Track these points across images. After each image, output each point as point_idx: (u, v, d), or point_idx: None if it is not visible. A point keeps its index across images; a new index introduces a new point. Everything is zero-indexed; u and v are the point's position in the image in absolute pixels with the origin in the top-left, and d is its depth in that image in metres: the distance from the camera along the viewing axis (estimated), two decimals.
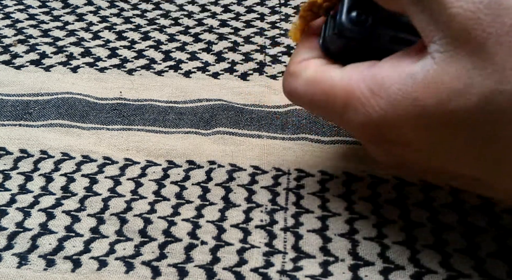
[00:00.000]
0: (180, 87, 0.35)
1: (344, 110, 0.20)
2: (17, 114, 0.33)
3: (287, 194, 0.27)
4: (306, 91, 0.22)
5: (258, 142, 0.30)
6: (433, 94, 0.18)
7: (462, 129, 0.18)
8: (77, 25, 0.42)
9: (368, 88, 0.19)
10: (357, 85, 0.20)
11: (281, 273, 0.24)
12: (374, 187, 0.27)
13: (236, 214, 0.26)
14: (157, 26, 0.41)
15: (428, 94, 0.18)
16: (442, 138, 0.19)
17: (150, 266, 0.24)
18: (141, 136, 0.31)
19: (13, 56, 0.38)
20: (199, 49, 0.39)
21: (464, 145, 0.19)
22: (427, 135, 0.19)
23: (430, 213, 0.26)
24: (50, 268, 0.24)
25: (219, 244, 0.25)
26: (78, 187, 0.28)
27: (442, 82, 0.18)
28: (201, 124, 0.32)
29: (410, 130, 0.19)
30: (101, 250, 0.25)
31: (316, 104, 0.22)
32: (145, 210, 0.27)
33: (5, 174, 0.29)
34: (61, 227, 0.26)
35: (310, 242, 0.25)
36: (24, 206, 0.27)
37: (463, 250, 0.24)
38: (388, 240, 0.25)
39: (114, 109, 0.33)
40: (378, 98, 0.19)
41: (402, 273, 0.23)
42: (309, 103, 0.22)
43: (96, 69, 0.37)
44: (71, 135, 0.31)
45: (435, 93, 0.18)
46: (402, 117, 0.19)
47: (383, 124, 0.19)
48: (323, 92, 0.21)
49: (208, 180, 0.28)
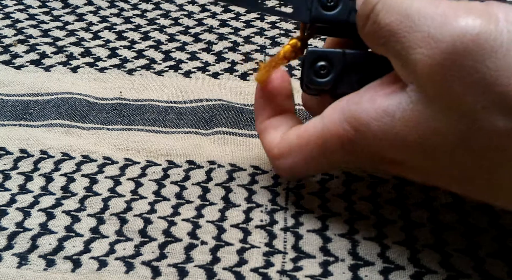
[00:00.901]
0: (180, 87, 0.35)
1: (341, 149, 0.22)
2: (17, 114, 0.33)
3: (287, 194, 0.27)
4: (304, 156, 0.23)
5: (258, 142, 0.30)
6: (413, 131, 0.19)
7: (443, 160, 0.19)
8: (77, 25, 0.42)
9: (351, 126, 0.21)
10: (342, 127, 0.21)
11: (281, 273, 0.24)
12: (374, 187, 0.27)
13: (236, 214, 0.26)
14: (157, 26, 0.42)
15: (408, 130, 0.19)
16: (427, 165, 0.20)
17: (150, 266, 0.24)
18: (141, 136, 0.31)
19: (13, 56, 0.38)
20: (199, 49, 0.39)
21: (448, 173, 0.20)
22: (412, 165, 0.20)
23: (430, 213, 0.26)
24: (50, 268, 0.24)
25: (219, 244, 0.25)
26: (78, 187, 0.28)
27: (420, 121, 0.18)
28: (201, 124, 0.32)
29: (398, 162, 0.20)
30: (101, 250, 0.25)
31: (317, 159, 0.23)
32: (145, 210, 0.27)
33: (5, 174, 0.29)
34: (61, 227, 0.26)
35: (310, 242, 0.25)
36: (24, 206, 0.27)
37: (463, 250, 0.24)
38: (388, 240, 0.25)
39: (114, 109, 0.33)
40: (364, 134, 0.20)
41: (402, 273, 0.23)
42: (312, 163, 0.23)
43: (96, 69, 0.37)
44: (71, 135, 0.31)
45: (415, 130, 0.19)
46: (388, 150, 0.20)
47: (374, 155, 0.21)
48: (316, 146, 0.22)
49: (208, 180, 0.28)
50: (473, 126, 0.17)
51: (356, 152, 0.21)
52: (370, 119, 0.20)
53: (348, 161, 0.23)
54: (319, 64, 0.23)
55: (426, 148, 0.19)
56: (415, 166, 0.20)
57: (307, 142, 0.23)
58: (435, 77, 0.17)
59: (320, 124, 0.22)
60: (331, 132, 0.22)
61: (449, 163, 0.19)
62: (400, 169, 0.21)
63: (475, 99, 0.17)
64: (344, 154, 0.22)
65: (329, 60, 0.23)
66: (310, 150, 0.23)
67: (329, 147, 0.22)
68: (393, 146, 0.20)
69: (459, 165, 0.19)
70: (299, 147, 0.23)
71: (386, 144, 0.20)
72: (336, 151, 0.22)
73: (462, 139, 0.18)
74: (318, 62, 0.23)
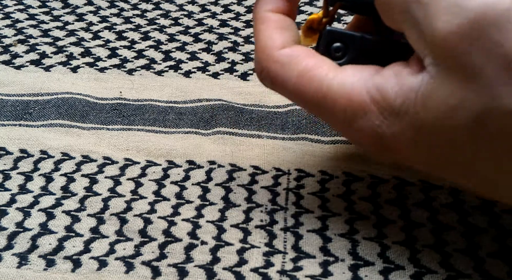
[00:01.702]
0: (180, 87, 0.35)
1: (343, 116, 0.20)
2: (17, 114, 0.33)
3: (287, 194, 0.27)
4: (298, 86, 0.21)
5: (258, 142, 0.30)
6: (431, 109, 0.18)
7: (458, 144, 0.18)
8: (77, 25, 0.42)
9: (372, 98, 0.19)
10: (360, 94, 0.20)
11: (281, 273, 0.24)
12: (374, 187, 0.27)
13: (236, 214, 0.26)
14: (157, 26, 0.42)
15: (426, 109, 0.18)
16: (437, 151, 0.19)
17: (150, 266, 0.24)
18: (141, 136, 0.31)
19: (13, 56, 0.38)
20: (199, 49, 0.39)
21: (458, 158, 0.19)
22: (424, 148, 0.19)
23: (430, 213, 0.26)
24: (50, 268, 0.24)
25: (219, 244, 0.25)
26: (78, 187, 0.28)
27: (438, 98, 0.18)
28: (201, 124, 0.32)
29: (409, 142, 0.19)
30: (101, 250, 0.25)
31: (307, 101, 0.21)
32: (145, 210, 0.27)
33: (5, 174, 0.29)
34: (61, 227, 0.26)
35: (310, 242, 0.25)
36: (24, 206, 0.27)
37: (463, 250, 0.24)
38: (388, 240, 0.25)
39: (114, 109, 0.33)
40: (382, 110, 0.19)
41: (402, 273, 0.23)
42: (297, 97, 0.22)
43: (96, 69, 0.37)
44: (71, 135, 0.31)
45: (432, 109, 0.18)
46: (403, 130, 0.19)
47: (384, 134, 0.19)
48: (320, 93, 0.21)
49: (208, 180, 0.28)
50: (491, 104, 0.16)
51: (360, 126, 0.20)
52: (395, 94, 0.19)
53: (344, 130, 0.21)
54: (335, 45, 0.22)
55: (439, 131, 0.18)
56: (418, 160, 0.20)
57: (309, 85, 0.21)
58: (457, 46, 0.17)
59: (333, 77, 0.20)
60: (342, 94, 0.20)
61: (459, 150, 0.18)
62: (401, 158, 0.20)
63: (496, 74, 0.16)
64: (344, 121, 0.20)
65: (346, 42, 0.22)
66: (309, 95, 0.21)
67: (331, 107, 0.20)
68: (408, 127, 0.19)
69: (470, 152, 0.18)
70: (298, 84, 0.21)
71: (401, 126, 0.19)
72: (337, 114, 0.20)
73: (477, 120, 0.17)
74: (335, 43, 0.22)
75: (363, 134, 0.20)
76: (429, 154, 0.19)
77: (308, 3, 0.43)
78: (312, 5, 0.43)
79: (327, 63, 0.21)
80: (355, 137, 0.21)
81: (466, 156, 0.18)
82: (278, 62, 0.22)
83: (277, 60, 0.22)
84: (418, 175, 0.28)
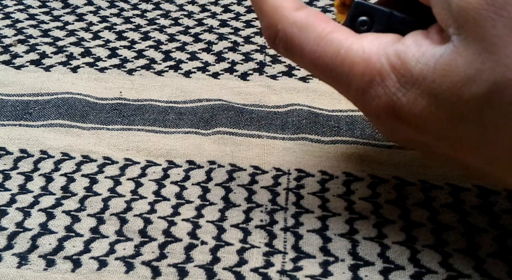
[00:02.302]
0: (180, 87, 0.35)
1: (360, 81, 0.20)
2: (17, 114, 0.33)
3: (287, 194, 0.27)
4: (315, 49, 0.20)
5: (258, 142, 0.30)
6: (448, 77, 0.18)
7: (470, 116, 0.18)
8: (77, 25, 0.42)
9: (391, 65, 0.19)
10: (379, 60, 0.19)
11: (281, 273, 0.24)
12: (374, 187, 0.27)
13: (236, 214, 0.26)
14: (157, 26, 0.42)
15: (443, 77, 0.18)
16: (450, 122, 0.18)
17: (150, 266, 0.24)
18: (141, 136, 0.31)
19: (13, 56, 0.38)
20: (199, 49, 0.39)
21: (470, 132, 0.18)
22: (437, 118, 0.19)
23: (430, 213, 0.26)
24: (50, 268, 0.24)
25: (219, 244, 0.25)
26: (78, 187, 0.28)
27: (457, 66, 0.17)
28: (201, 124, 0.32)
29: (423, 111, 0.19)
30: (101, 250, 0.25)
31: (323, 66, 0.21)
32: (145, 210, 0.27)
33: (5, 174, 0.29)
34: (61, 227, 0.26)
35: (310, 242, 0.25)
36: (24, 206, 0.27)
37: (463, 250, 0.24)
38: (388, 240, 0.25)
39: (114, 109, 0.33)
40: (400, 76, 0.19)
41: (402, 273, 0.23)
42: (313, 62, 0.21)
43: (96, 69, 0.37)
44: (71, 135, 0.31)
45: (449, 77, 0.17)
46: (418, 97, 0.19)
47: (399, 103, 0.19)
48: (338, 57, 0.20)
49: (208, 180, 0.28)
50: (507, 75, 0.16)
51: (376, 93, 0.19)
52: (415, 60, 0.18)
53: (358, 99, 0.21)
54: (361, 18, 0.22)
55: (453, 101, 0.18)
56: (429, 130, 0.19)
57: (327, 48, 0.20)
58: (481, 15, 0.17)
59: (352, 42, 0.20)
60: (361, 58, 0.20)
61: (471, 123, 0.18)
62: (410, 130, 0.20)
63: None
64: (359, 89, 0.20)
65: (372, 17, 0.21)
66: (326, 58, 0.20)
67: (347, 71, 0.20)
68: (423, 95, 0.18)
69: (478, 127, 0.18)
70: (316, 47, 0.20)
71: (417, 93, 0.18)
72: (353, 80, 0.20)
73: (491, 93, 0.17)
74: (361, 17, 0.22)
75: (378, 102, 0.20)
76: (442, 126, 0.19)
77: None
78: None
79: (345, 28, 0.21)
80: (368, 107, 0.21)
81: (478, 130, 0.18)
82: (295, 24, 0.21)
83: (293, 23, 0.21)
84: (418, 175, 0.28)
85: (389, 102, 0.19)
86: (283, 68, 0.36)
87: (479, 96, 0.17)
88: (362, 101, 0.21)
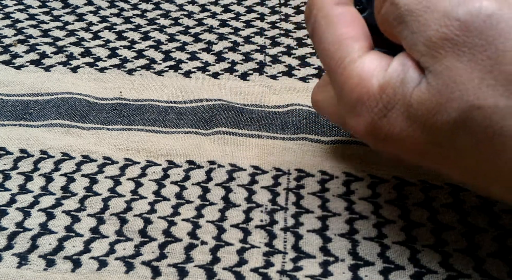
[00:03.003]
0: (180, 87, 0.35)
1: (349, 96, 0.21)
2: (17, 114, 0.33)
3: (287, 194, 0.27)
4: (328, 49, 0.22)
5: (258, 142, 0.30)
6: (423, 105, 0.19)
7: (446, 140, 0.19)
8: (77, 25, 0.42)
9: (380, 86, 0.20)
10: (370, 80, 0.20)
11: (281, 273, 0.24)
12: (374, 187, 0.27)
13: (236, 214, 0.26)
14: (157, 26, 0.41)
15: (419, 104, 0.19)
16: (428, 144, 0.20)
17: (150, 266, 0.24)
18: (141, 136, 0.31)
19: (13, 56, 0.38)
20: (199, 49, 0.39)
21: (448, 153, 0.20)
22: (415, 139, 0.20)
23: (430, 213, 0.26)
24: (50, 268, 0.24)
25: (219, 244, 0.25)
26: (78, 187, 0.28)
27: (429, 94, 0.19)
28: (201, 124, 0.32)
29: (401, 133, 0.20)
30: (101, 250, 0.25)
31: (328, 67, 0.22)
32: (145, 210, 0.27)
33: (5, 174, 0.29)
34: (61, 227, 0.26)
35: (310, 242, 0.25)
36: (24, 206, 0.27)
37: (463, 250, 0.24)
38: (388, 240, 0.25)
39: (114, 109, 0.33)
40: (384, 96, 0.20)
41: (402, 273, 0.23)
42: (322, 57, 0.22)
43: (96, 69, 0.37)
44: (71, 135, 0.31)
45: (424, 104, 0.19)
46: (398, 118, 0.20)
47: (380, 124, 0.20)
48: (342, 64, 0.21)
49: (208, 180, 0.28)
50: (475, 104, 0.18)
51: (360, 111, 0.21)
52: (399, 81, 0.20)
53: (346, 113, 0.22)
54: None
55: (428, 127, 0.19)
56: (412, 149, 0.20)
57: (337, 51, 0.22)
58: (446, 51, 0.18)
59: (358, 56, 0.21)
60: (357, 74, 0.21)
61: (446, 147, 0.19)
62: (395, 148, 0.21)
63: (481, 76, 0.17)
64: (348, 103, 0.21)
65: (371, 1, 0.22)
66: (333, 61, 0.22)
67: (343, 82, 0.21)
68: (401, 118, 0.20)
69: (453, 151, 0.19)
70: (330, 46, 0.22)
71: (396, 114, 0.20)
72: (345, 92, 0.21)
73: (461, 120, 0.18)
74: None
75: (361, 120, 0.21)
76: (421, 147, 0.20)
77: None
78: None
79: (365, 41, 0.22)
80: (353, 124, 0.22)
81: (455, 152, 0.19)
82: (326, 18, 0.22)
83: (325, 16, 0.22)
84: (418, 175, 0.28)
85: (371, 122, 0.20)
86: (283, 68, 0.36)
87: (451, 123, 0.18)
88: (348, 115, 0.22)
